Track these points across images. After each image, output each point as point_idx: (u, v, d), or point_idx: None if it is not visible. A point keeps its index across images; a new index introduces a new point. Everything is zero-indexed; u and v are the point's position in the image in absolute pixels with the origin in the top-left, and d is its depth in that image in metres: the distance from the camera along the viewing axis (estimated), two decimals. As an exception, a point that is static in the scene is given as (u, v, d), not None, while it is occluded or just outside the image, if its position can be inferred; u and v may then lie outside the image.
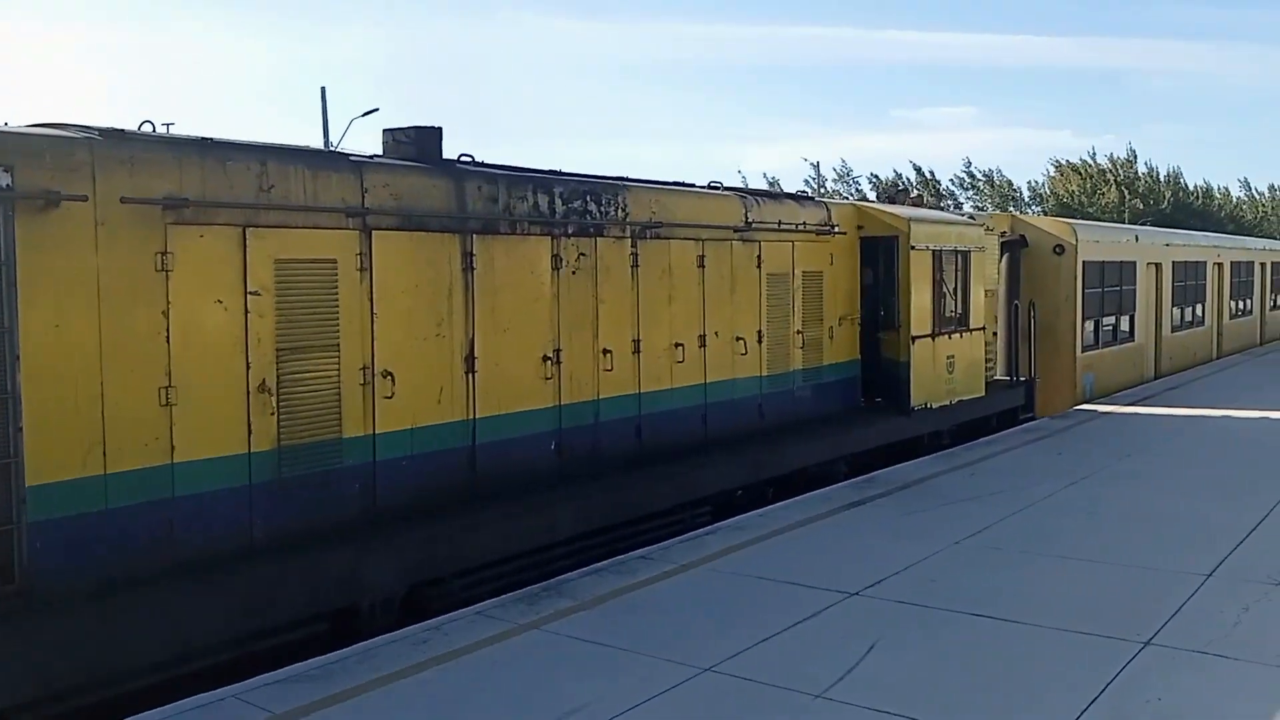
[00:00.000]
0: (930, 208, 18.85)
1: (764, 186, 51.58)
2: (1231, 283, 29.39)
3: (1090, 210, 53.00)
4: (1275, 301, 36.20)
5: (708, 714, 5.85)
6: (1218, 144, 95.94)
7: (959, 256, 14.58)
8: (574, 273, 9.45)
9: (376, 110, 42.01)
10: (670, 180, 11.21)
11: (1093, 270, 19.02)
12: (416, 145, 8.50)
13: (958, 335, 14.52)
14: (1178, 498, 11.04)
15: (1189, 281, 25.33)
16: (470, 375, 8.42)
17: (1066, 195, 55.71)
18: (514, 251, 8.88)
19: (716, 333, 11.18)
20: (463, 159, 8.80)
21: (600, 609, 7.54)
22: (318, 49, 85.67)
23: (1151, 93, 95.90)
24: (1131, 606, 7.44)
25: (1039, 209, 56.57)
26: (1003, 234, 17.73)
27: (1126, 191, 54.27)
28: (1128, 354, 21.01)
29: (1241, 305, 31.06)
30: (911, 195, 16.36)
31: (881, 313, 13.74)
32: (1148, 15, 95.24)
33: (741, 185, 12.72)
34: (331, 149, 13.77)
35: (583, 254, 9.56)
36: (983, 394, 15.17)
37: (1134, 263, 21.10)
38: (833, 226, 13.04)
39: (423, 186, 8.15)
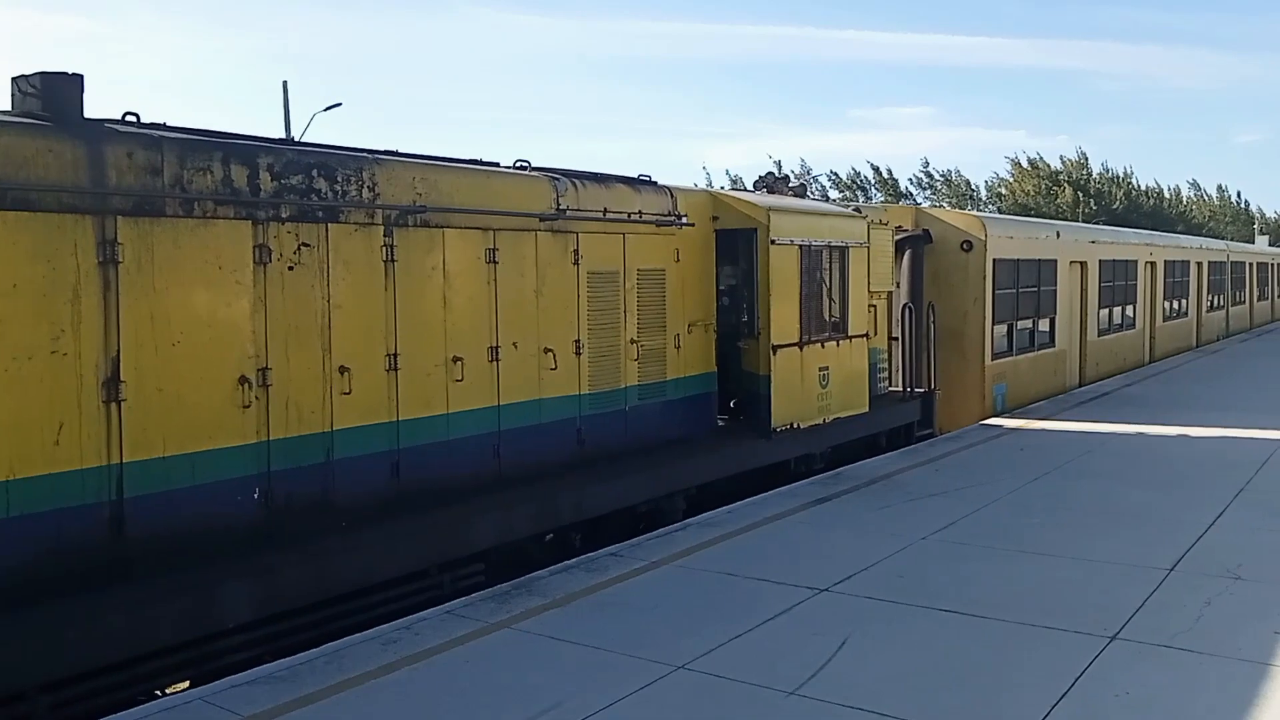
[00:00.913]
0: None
1: (725, 184, 50.46)
2: (1166, 283, 27.85)
3: (1046, 210, 53.04)
4: (1213, 302, 34.84)
5: (680, 712, 5.84)
6: (1164, 145, 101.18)
7: (835, 253, 12.66)
8: (290, 269, 7.35)
9: (340, 105, 42.21)
10: (461, 158, 9.16)
11: (1005, 269, 17.22)
12: (45, 98, 6.38)
13: (834, 344, 12.60)
14: (1139, 491, 11.19)
15: (1118, 282, 23.68)
16: (113, 405, 6.31)
17: (1024, 195, 56.50)
18: (190, 240, 6.77)
19: (515, 344, 9.15)
20: (132, 125, 6.70)
21: (571, 607, 7.51)
22: (278, 42, 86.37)
23: (1100, 94, 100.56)
24: (1097, 601, 7.51)
25: (995, 208, 57.41)
26: (899, 228, 15.88)
27: (1081, 193, 55.09)
28: (1047, 361, 19.26)
29: (1176, 306, 29.56)
30: (792, 184, 14.41)
31: (743, 319, 11.79)
32: (1096, 17, 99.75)
33: (639, 175, 10.66)
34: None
35: (305, 244, 7.45)
36: (866, 410, 13.28)
37: (1054, 261, 19.35)
38: (679, 217, 11.06)
39: (31, 152, 6.02)
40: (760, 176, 14.19)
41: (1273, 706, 5.75)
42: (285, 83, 40.73)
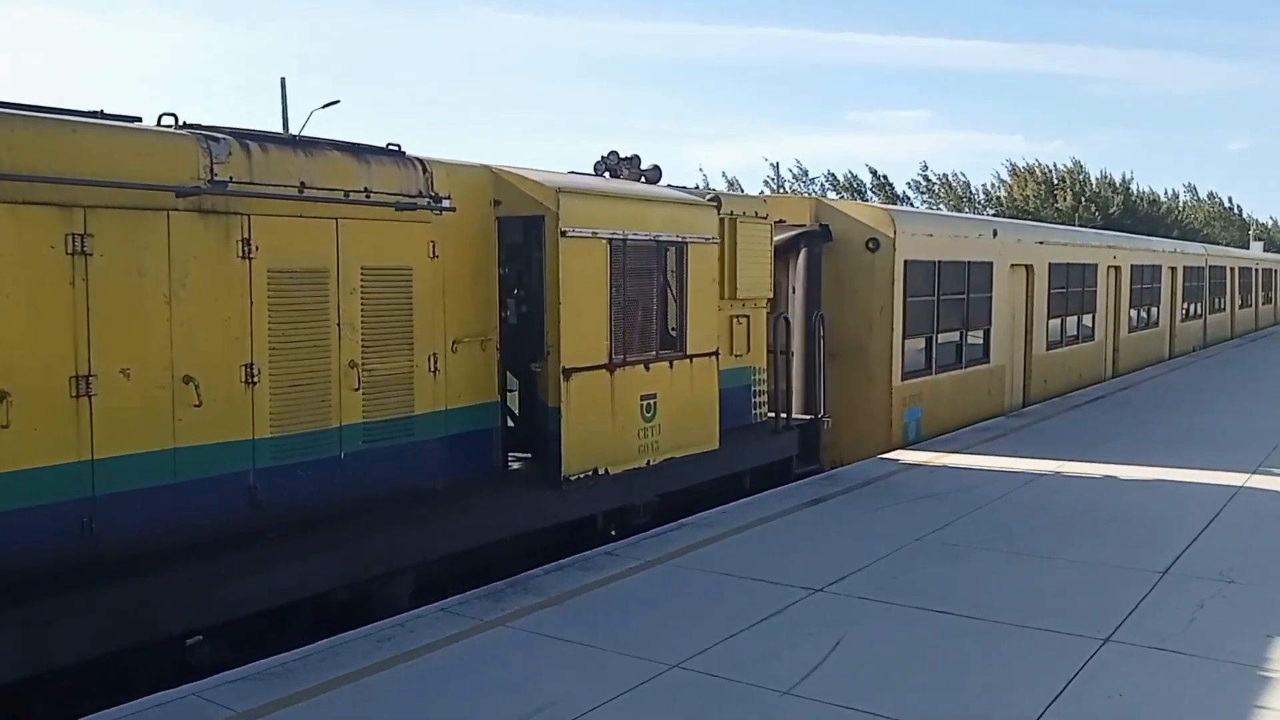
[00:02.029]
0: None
1: (723, 187, 48.25)
2: (1132, 289, 25.18)
3: (1044, 215, 52.54)
4: (1189, 310, 32.20)
5: (674, 711, 5.82)
6: (1157, 151, 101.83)
7: (669, 250, 9.95)
8: None
9: (338, 102, 44.74)
10: (28, 103, 6.42)
11: (921, 272, 14.52)
12: None
13: (666, 365, 9.90)
14: (1131, 494, 11.13)
15: (1073, 288, 21.00)
16: None
17: (1022, 200, 56.73)
18: None
19: (125, 371, 6.43)
20: None
21: (566, 605, 7.48)
22: (276, 40, 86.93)
23: (1095, 99, 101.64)
24: (1090, 603, 7.49)
25: (993, 212, 56.97)
26: (782, 222, 13.18)
27: (1081, 198, 55.73)
28: (978, 380, 16.56)
29: (1146, 315, 26.91)
30: (646, 167, 11.67)
31: (539, 334, 9.08)
32: (1090, 23, 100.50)
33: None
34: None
35: None
36: (715, 446, 10.56)
37: (989, 264, 16.65)
38: (436, 198, 8.35)
39: None
40: (602, 157, 11.45)
41: (1265, 710, 5.75)
42: (283, 80, 38.74)
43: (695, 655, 6.50)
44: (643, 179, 11.29)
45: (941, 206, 59.39)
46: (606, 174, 11.28)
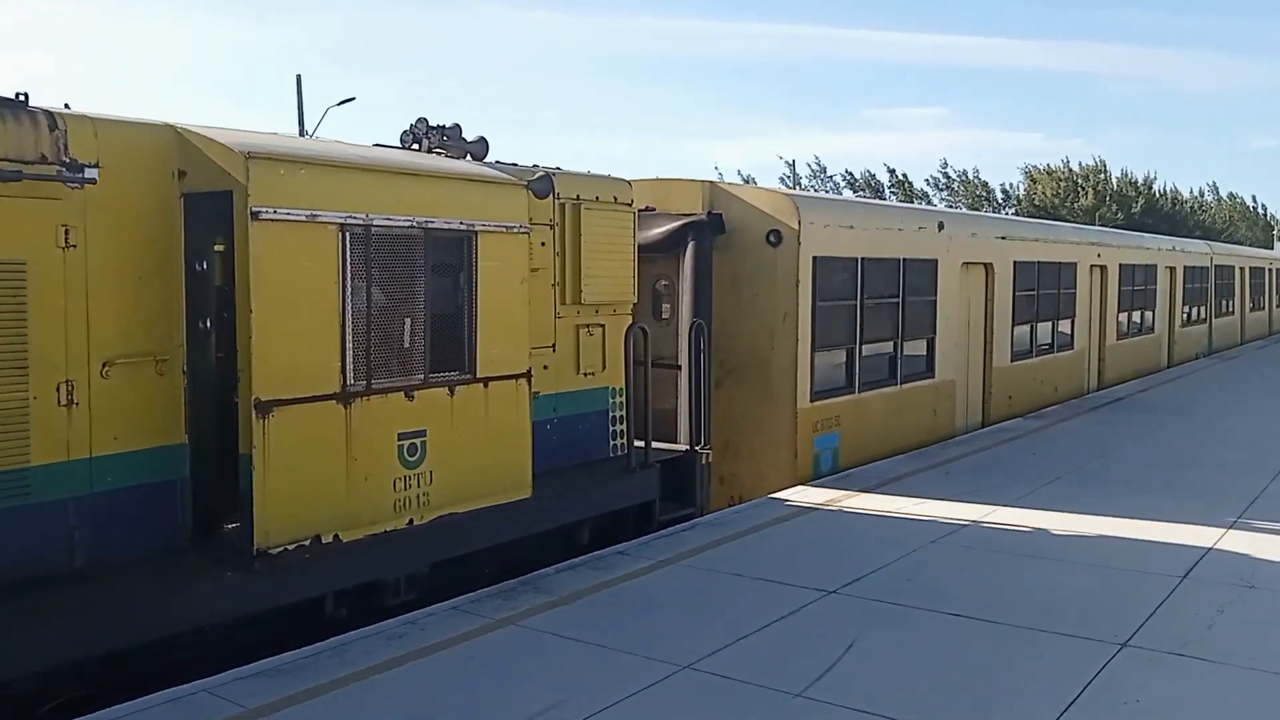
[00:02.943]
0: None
1: (738, 182, 46.56)
2: (1122, 292, 22.66)
3: (1065, 214, 51.74)
4: (1190, 315, 29.62)
5: (685, 712, 5.77)
6: (1178, 149, 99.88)
7: (449, 242, 7.58)
8: None
9: (353, 99, 42.97)
10: None
11: (836, 271, 12.12)
12: None
13: (444, 391, 7.53)
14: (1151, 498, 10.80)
15: (1047, 290, 18.53)
16: None
17: (1041, 199, 56.24)
18: None
19: None
20: None
21: (577, 604, 7.40)
22: (289, 35, 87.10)
23: (1115, 97, 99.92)
24: (1108, 607, 7.36)
25: (1011, 211, 56.84)
26: (649, 209, 10.83)
27: (1105, 198, 55.25)
28: (919, 398, 14.13)
29: (1139, 320, 24.38)
30: (469, 141, 9.29)
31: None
32: (1110, 20, 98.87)
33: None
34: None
35: None
36: (526, 494, 8.20)
37: (932, 262, 14.22)
38: (71, 165, 6.03)
39: None
40: (410, 125, 9.11)
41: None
42: (299, 77, 40.33)
43: (707, 656, 6.44)
44: (467, 156, 8.96)
45: (961, 205, 58.57)
46: (413, 144, 9.00)
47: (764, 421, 11.55)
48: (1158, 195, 59.75)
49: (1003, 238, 16.61)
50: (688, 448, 10.42)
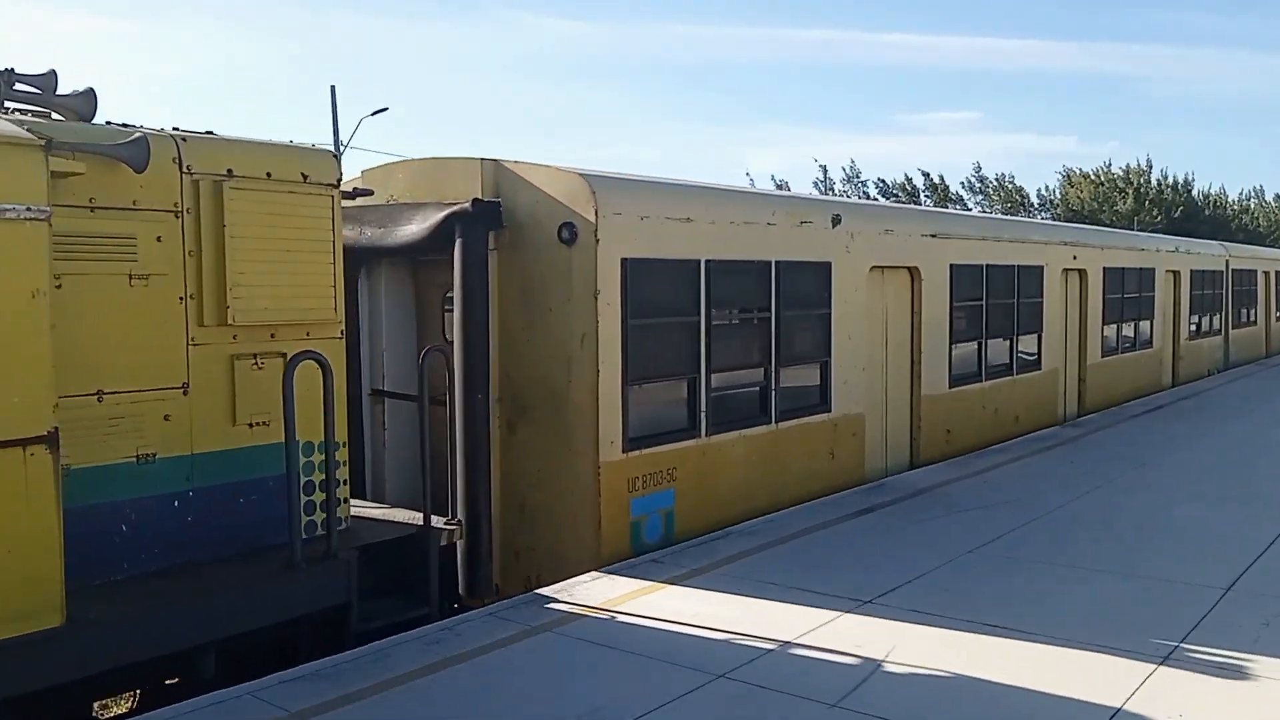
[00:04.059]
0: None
1: (771, 189, 46.23)
2: (1107, 300, 19.60)
3: (1102, 218, 51.56)
4: (1201, 325, 26.40)
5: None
6: (1218, 151, 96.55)
7: None
8: None
9: (386, 109, 44.81)
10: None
11: (662, 278, 9.29)
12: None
13: None
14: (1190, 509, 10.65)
15: (999, 299, 15.58)
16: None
17: (1078, 203, 55.72)
18: None
19: None
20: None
21: (613, 612, 7.35)
22: (324, 47, 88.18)
23: (1153, 99, 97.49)
24: (1150, 619, 7.24)
25: (1048, 215, 56.47)
26: (375, 200, 8.11)
27: (1145, 201, 54.44)
28: (805, 439, 11.21)
29: (1132, 334, 21.28)
30: (70, 95, 6.66)
31: None
32: (1148, 21, 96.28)
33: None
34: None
35: None
36: (55, 622, 5.45)
37: (825, 265, 11.35)
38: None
39: None
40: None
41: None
42: (333, 88, 41.67)
43: (741, 665, 6.36)
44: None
45: (996, 210, 57.56)
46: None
47: (560, 478, 8.75)
48: (1198, 198, 58.50)
49: (933, 235, 13.67)
50: (425, 525, 7.66)
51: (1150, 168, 57.51)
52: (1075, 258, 18.17)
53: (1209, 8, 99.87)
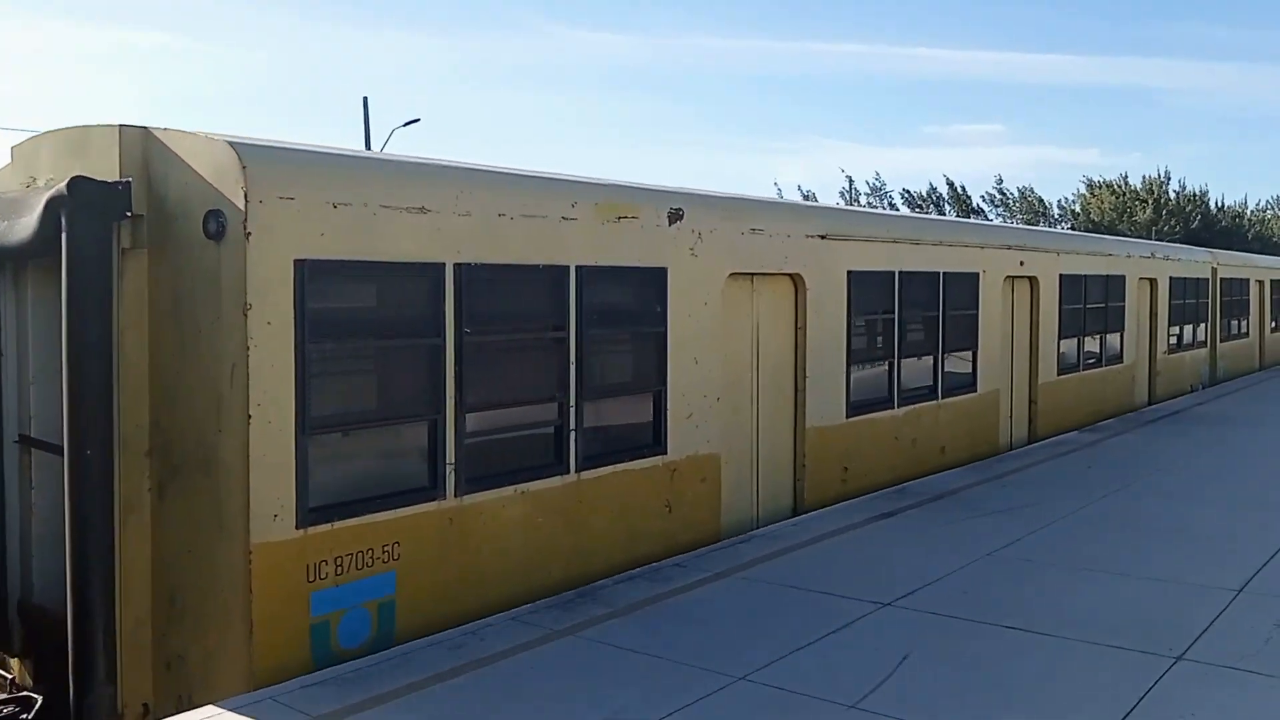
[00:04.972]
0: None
1: (798, 200, 45.40)
2: (1063, 312, 17.16)
3: (1121, 229, 51.73)
4: (1182, 338, 23.90)
5: None
6: (1239, 163, 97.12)
7: None
8: None
9: (418, 120, 43.72)
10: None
11: (364, 288, 6.91)
12: None
13: None
14: (1205, 512, 10.86)
15: (921, 311, 13.18)
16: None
17: (1098, 213, 56.03)
18: None
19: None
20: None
21: (634, 616, 7.42)
22: (360, 59, 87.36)
23: (1176, 111, 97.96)
24: (1163, 621, 7.34)
25: (1068, 227, 56.90)
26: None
27: (1163, 212, 54.58)
28: (624, 491, 8.77)
29: (1096, 348, 18.81)
30: None
31: None
32: (1171, 35, 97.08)
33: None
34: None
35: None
36: None
37: (658, 274, 8.95)
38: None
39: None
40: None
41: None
42: (365, 99, 38.68)
43: (762, 668, 6.40)
44: None
45: (1017, 221, 57.85)
46: None
47: (208, 563, 6.36)
48: (1214, 209, 58.89)
49: (821, 236, 11.25)
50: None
51: (1168, 179, 57.78)
52: (1023, 263, 15.73)
53: (1231, 22, 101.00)
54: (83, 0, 74.93)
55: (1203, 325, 25.58)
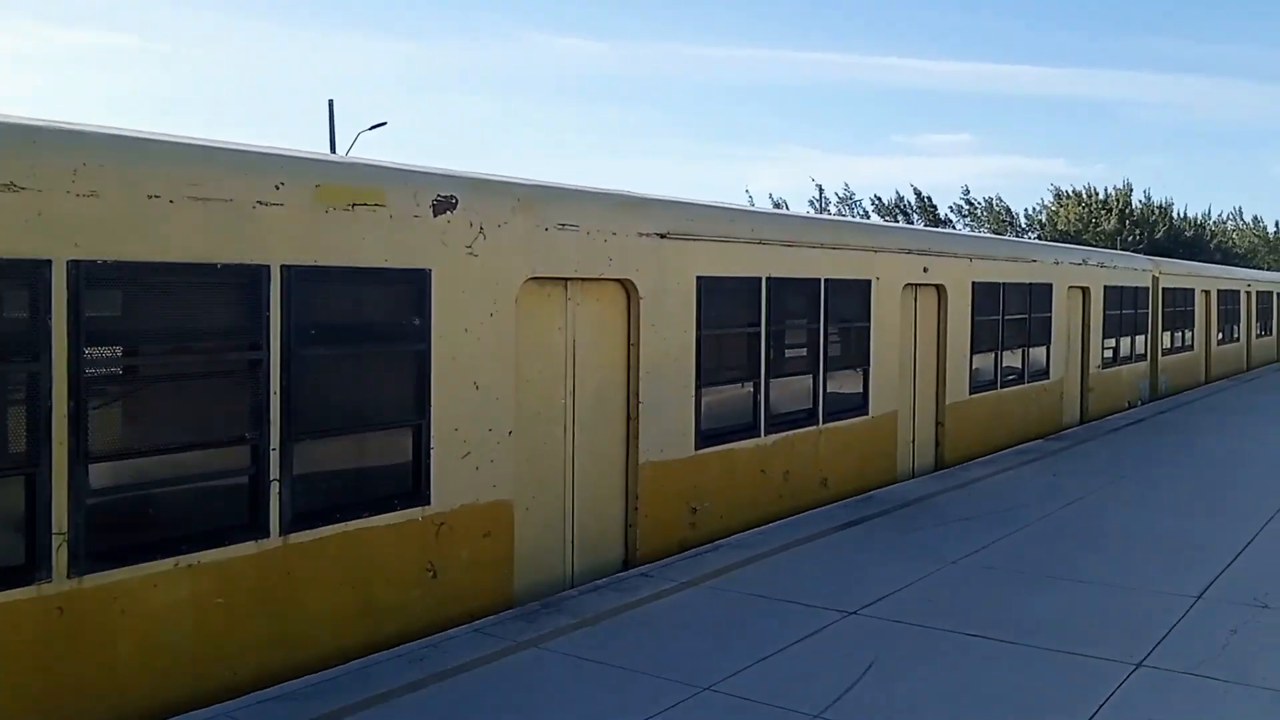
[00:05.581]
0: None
1: (769, 208, 44.97)
2: (977, 324, 15.44)
3: (1087, 238, 51.99)
4: (1117, 351, 22.32)
5: None
6: (1201, 175, 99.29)
7: None
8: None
9: (384, 124, 44.05)
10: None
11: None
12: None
13: None
14: (1166, 519, 11.04)
15: (800, 324, 11.40)
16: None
17: (1065, 224, 56.48)
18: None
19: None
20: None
21: (599, 626, 7.41)
22: (326, 61, 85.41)
23: (1139, 124, 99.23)
24: (1124, 628, 7.45)
25: (1035, 235, 57.37)
26: None
27: (1126, 222, 55.28)
28: (347, 557, 6.89)
29: (1016, 366, 17.13)
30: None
31: None
32: (1136, 49, 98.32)
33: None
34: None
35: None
36: None
37: (415, 276, 7.06)
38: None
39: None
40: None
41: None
42: (331, 102, 36.72)
43: (728, 677, 6.43)
44: None
45: (984, 230, 58.08)
46: None
47: None
48: (1175, 219, 60.02)
49: (662, 235, 9.40)
50: None
51: (1131, 190, 58.70)
52: (927, 270, 14.00)
53: (1194, 37, 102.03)
54: (47, 2, 73.67)
55: (1142, 337, 24.08)
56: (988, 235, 23.02)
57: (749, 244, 10.57)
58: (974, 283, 15.24)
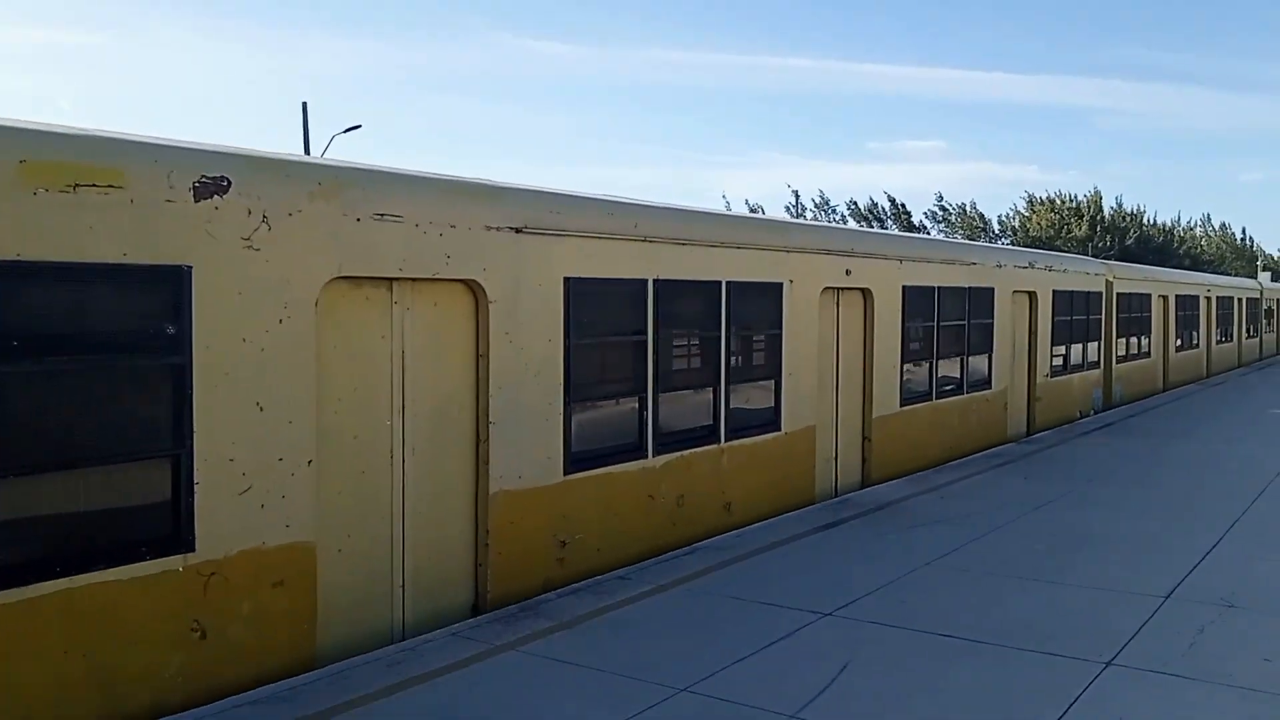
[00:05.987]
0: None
1: (745, 213, 45.90)
2: (907, 330, 14.28)
3: (1059, 244, 52.11)
4: (1069, 359, 21.25)
5: None
6: (1171, 182, 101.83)
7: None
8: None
9: (359, 126, 42.25)
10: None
11: None
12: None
13: None
14: (1136, 521, 11.11)
15: (701, 332, 10.20)
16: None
17: (1037, 230, 56.76)
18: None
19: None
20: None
21: (577, 629, 7.40)
22: (300, 63, 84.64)
23: (1110, 131, 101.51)
24: (1094, 627, 7.54)
25: (1008, 241, 57.40)
26: None
27: (1098, 228, 55.40)
28: (24, 631, 5.62)
29: (954, 375, 15.99)
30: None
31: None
32: (1106, 56, 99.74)
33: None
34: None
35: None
36: None
37: (137, 272, 5.74)
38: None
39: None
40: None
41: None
42: (305, 104, 37.49)
43: (704, 679, 6.46)
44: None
45: (958, 236, 58.56)
46: None
47: None
48: (1146, 225, 60.33)
49: (517, 230, 8.13)
50: None
51: (1102, 197, 58.89)
52: (850, 272, 12.82)
53: (1163, 46, 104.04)
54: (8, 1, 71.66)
55: (1096, 344, 23.06)
56: (920, 236, 21.97)
57: (632, 241, 9.33)
58: (905, 286, 14.07)
